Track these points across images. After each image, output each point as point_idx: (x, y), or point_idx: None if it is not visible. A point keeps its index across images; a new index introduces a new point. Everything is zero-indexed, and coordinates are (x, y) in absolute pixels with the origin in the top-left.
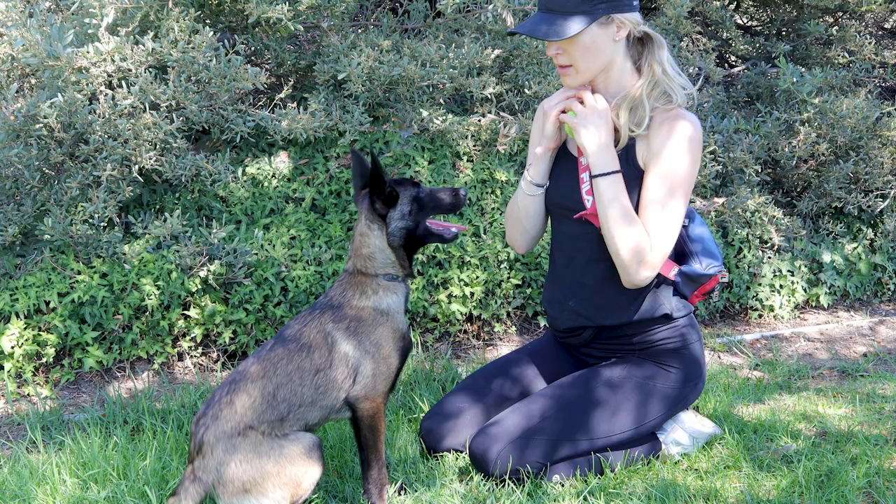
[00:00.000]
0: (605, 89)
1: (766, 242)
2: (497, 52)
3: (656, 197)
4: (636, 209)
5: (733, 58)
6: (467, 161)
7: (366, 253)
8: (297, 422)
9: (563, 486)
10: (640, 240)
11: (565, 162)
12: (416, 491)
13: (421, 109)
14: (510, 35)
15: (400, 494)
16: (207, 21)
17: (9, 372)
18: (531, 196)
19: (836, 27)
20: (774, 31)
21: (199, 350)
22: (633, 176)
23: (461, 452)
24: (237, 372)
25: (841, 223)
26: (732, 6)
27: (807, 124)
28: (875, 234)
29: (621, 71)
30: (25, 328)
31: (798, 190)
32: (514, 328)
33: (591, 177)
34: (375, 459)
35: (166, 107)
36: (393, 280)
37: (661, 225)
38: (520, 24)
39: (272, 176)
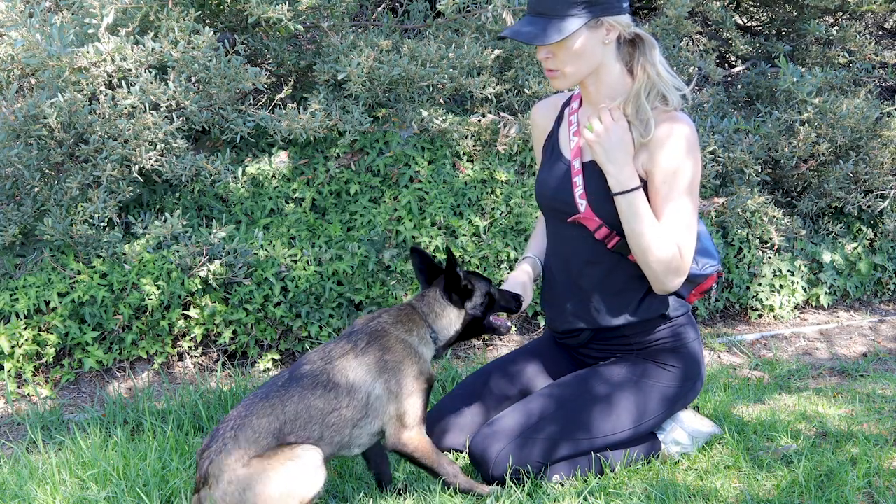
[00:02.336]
0: (596, 93)
1: (766, 242)
2: (497, 52)
3: (670, 202)
4: None
5: (733, 58)
6: (467, 161)
7: (438, 311)
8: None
9: (562, 485)
10: (671, 249)
11: (558, 165)
12: (416, 491)
13: (421, 109)
14: (499, 39)
15: (400, 494)
16: (207, 21)
17: (9, 372)
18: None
19: (836, 27)
20: (774, 31)
21: (199, 350)
22: None
23: (461, 452)
24: (243, 406)
25: (841, 223)
26: (732, 6)
27: (807, 124)
28: (875, 234)
29: (612, 74)
30: (25, 328)
31: (798, 190)
32: (514, 328)
33: (614, 194)
34: (443, 473)
35: (166, 107)
36: (433, 340)
37: (681, 229)
38: (508, 28)
39: (272, 176)
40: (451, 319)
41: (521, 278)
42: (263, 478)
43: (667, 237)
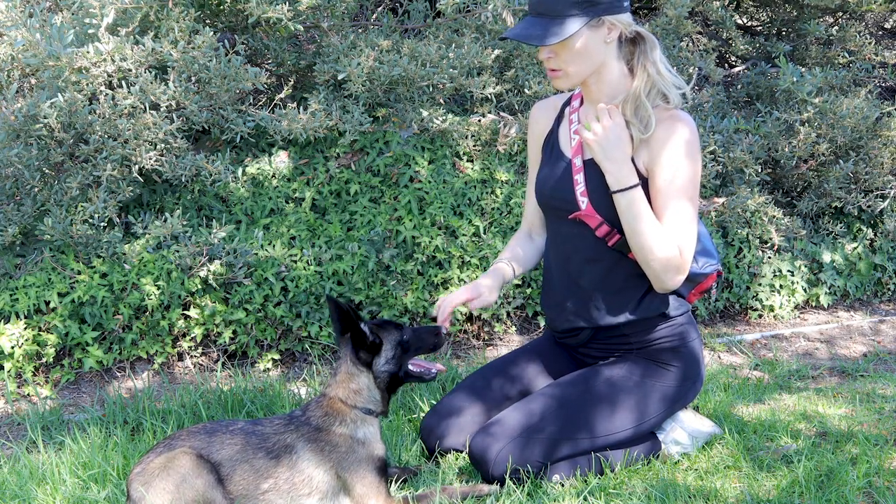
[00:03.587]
0: (598, 91)
1: (766, 242)
2: (497, 52)
3: (671, 202)
4: None
5: (733, 58)
6: (467, 161)
7: (354, 388)
8: None
9: (563, 485)
10: (671, 248)
11: (559, 163)
12: (416, 490)
13: (421, 109)
14: (501, 40)
15: (401, 491)
16: (207, 21)
17: (9, 372)
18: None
19: (836, 27)
20: (774, 31)
21: (199, 350)
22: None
23: (461, 452)
24: (174, 437)
25: (841, 223)
26: (732, 6)
27: (807, 124)
28: (875, 234)
29: (614, 73)
30: (25, 328)
31: (798, 190)
32: (514, 328)
33: (613, 192)
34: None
35: (166, 107)
36: (369, 414)
37: (682, 228)
38: (510, 29)
39: (272, 176)
40: (368, 387)
41: (481, 280)
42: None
43: (667, 236)
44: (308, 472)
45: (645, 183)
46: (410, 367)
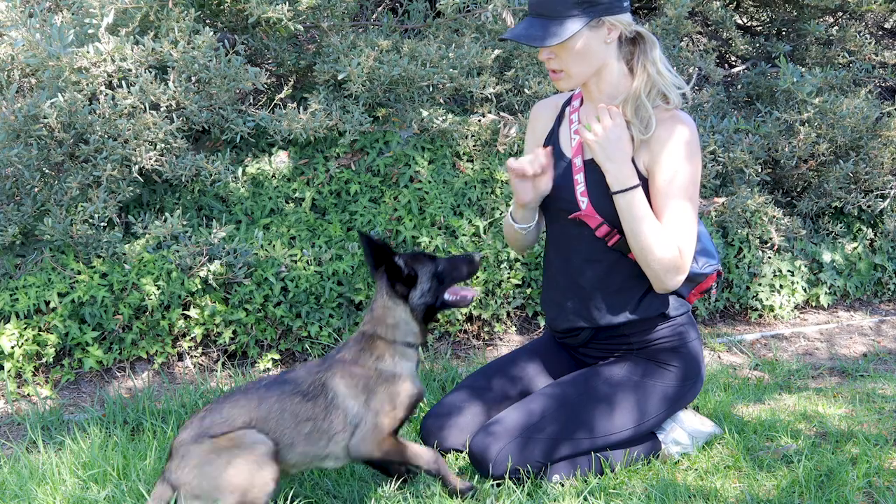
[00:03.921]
0: (598, 91)
1: (766, 242)
2: (497, 52)
3: (671, 202)
4: None
5: (733, 58)
6: (467, 161)
7: (390, 322)
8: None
9: (562, 485)
10: (671, 248)
11: (559, 163)
12: (416, 490)
13: (421, 109)
14: (501, 40)
15: (401, 490)
16: (207, 21)
17: (9, 372)
18: (522, 231)
19: (836, 27)
20: (774, 31)
21: (199, 350)
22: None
23: (461, 452)
24: (227, 395)
25: (841, 223)
26: (732, 6)
27: (807, 124)
28: (875, 234)
29: (614, 73)
30: (25, 328)
31: (798, 190)
32: (514, 328)
33: (613, 193)
34: (418, 463)
35: (166, 107)
36: (409, 347)
37: (682, 228)
38: (510, 30)
39: (272, 176)
40: (406, 321)
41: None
42: (213, 458)
43: (667, 236)
44: (343, 407)
45: (645, 183)
46: (446, 296)
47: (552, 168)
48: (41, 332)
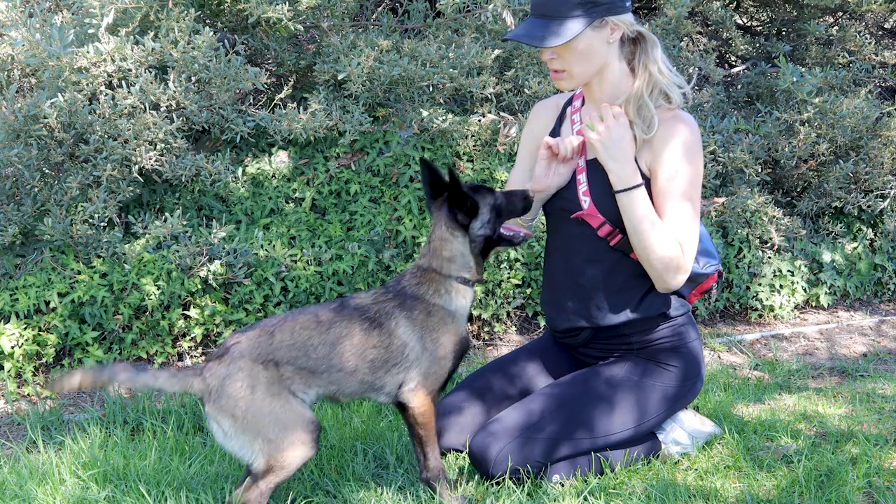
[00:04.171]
0: (600, 91)
1: (766, 242)
2: (497, 52)
3: (673, 202)
4: None
5: (733, 58)
6: (467, 161)
7: (447, 255)
8: (328, 385)
9: (562, 485)
10: (673, 248)
11: None
12: (416, 491)
13: (421, 109)
14: (503, 41)
15: (402, 490)
16: (207, 21)
17: (9, 372)
18: (526, 226)
19: (836, 27)
20: (774, 31)
21: (199, 350)
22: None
23: (461, 452)
24: (290, 314)
25: (841, 223)
26: (732, 6)
27: (807, 124)
28: (875, 234)
29: (616, 73)
30: (25, 328)
31: (798, 190)
32: (514, 328)
33: (616, 192)
34: (431, 450)
35: (166, 107)
36: (465, 284)
37: (684, 227)
38: (513, 31)
39: (272, 176)
40: (463, 254)
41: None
42: (271, 390)
43: (669, 235)
44: (403, 340)
45: (647, 183)
46: (502, 230)
47: (573, 161)
48: (41, 332)
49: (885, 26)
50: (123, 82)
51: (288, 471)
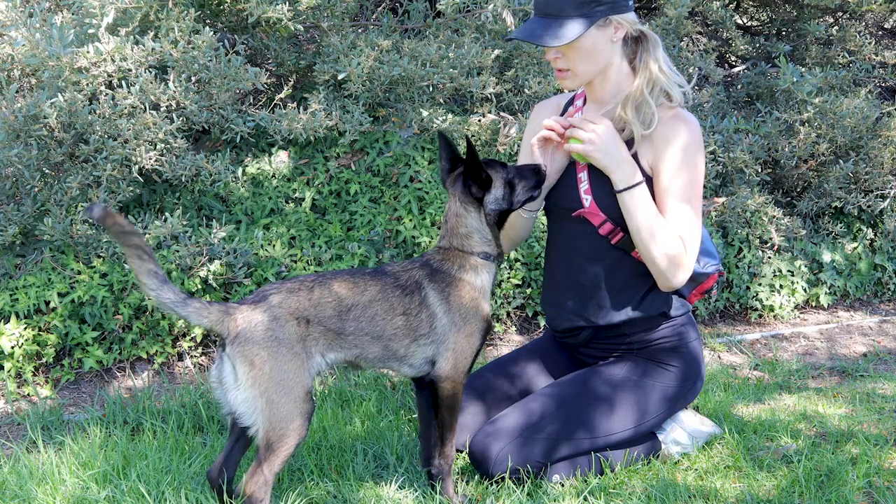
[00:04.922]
0: (602, 90)
1: (766, 242)
2: (497, 52)
3: (675, 200)
4: None
5: (733, 58)
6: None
7: (463, 232)
8: (352, 348)
9: (562, 485)
10: (676, 246)
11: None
12: (416, 490)
13: (421, 109)
14: (507, 41)
15: (402, 490)
16: (207, 21)
17: (9, 372)
18: (525, 218)
19: (836, 27)
20: (774, 31)
21: (199, 350)
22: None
23: (461, 451)
24: (327, 273)
25: (841, 223)
26: (732, 6)
27: (807, 124)
28: (875, 234)
29: (618, 71)
30: (25, 328)
31: (798, 190)
32: (514, 328)
33: (618, 192)
34: (450, 437)
35: (166, 107)
36: (486, 259)
37: (686, 226)
38: (517, 30)
39: (272, 176)
40: (479, 229)
41: None
42: (295, 350)
43: (672, 232)
44: (432, 310)
45: (649, 181)
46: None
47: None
48: (41, 332)
49: (885, 26)
50: (123, 82)
51: (287, 447)
